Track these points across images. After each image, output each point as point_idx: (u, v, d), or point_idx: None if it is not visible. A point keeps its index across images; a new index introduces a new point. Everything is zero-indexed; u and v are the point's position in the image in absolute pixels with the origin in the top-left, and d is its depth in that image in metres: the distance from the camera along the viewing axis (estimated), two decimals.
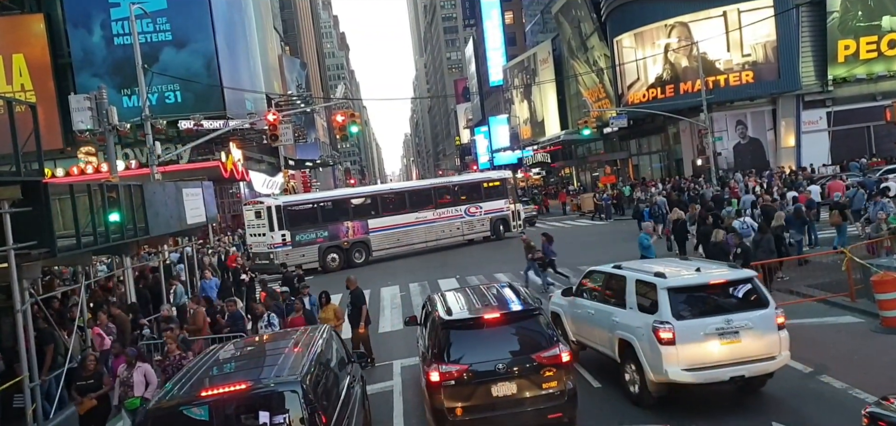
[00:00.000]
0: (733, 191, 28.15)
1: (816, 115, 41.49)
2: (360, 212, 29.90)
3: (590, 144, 64.78)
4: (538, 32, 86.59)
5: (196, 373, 7.56)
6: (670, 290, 9.24)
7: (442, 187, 33.94)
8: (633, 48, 45.49)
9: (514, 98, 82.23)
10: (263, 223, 27.48)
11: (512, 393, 8.21)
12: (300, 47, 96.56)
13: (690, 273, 9.81)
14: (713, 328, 8.96)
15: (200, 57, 42.95)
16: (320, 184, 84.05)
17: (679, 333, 8.93)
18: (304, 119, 65.97)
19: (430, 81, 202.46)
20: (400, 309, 18.52)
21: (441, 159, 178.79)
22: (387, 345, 14.79)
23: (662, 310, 9.12)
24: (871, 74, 39.70)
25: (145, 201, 14.58)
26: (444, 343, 8.51)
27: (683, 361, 8.95)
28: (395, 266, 28.05)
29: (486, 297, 9.68)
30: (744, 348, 8.97)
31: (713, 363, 8.98)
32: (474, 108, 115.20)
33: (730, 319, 9.00)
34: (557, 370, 8.32)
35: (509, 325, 8.78)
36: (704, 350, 8.95)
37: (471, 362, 8.28)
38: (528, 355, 8.38)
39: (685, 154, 47.11)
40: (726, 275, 9.71)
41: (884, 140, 41.78)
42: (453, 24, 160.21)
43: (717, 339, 8.94)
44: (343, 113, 26.18)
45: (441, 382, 8.23)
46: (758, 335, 9.05)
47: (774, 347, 9.13)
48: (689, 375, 8.96)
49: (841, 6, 39.32)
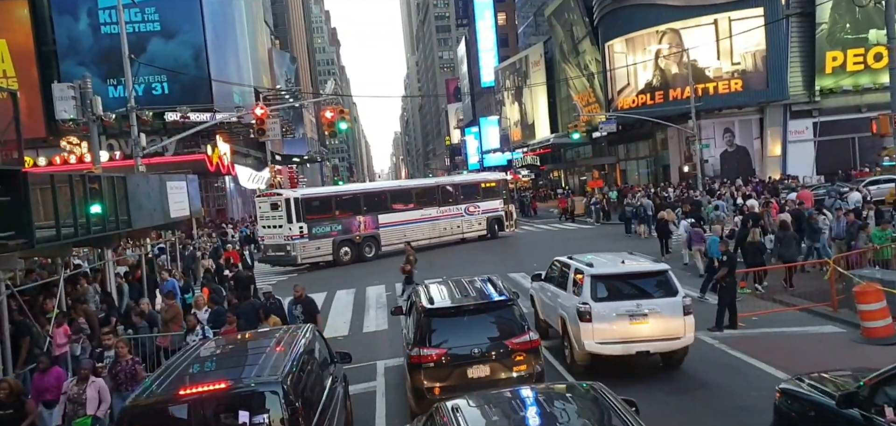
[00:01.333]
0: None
1: (803, 125, 41.80)
2: (371, 207, 30.17)
3: (578, 148, 64.95)
4: (530, 35, 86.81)
5: (176, 370, 7.44)
6: (593, 277, 11.03)
7: (446, 186, 34.57)
8: (624, 53, 45.63)
9: (506, 100, 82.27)
10: (280, 215, 27.30)
11: (486, 374, 9.07)
12: (290, 42, 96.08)
13: (616, 264, 11.72)
14: (625, 310, 10.71)
15: (189, 48, 42.63)
16: (307, 180, 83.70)
17: (595, 313, 10.70)
18: (293, 114, 65.69)
19: (421, 80, 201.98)
20: (385, 309, 18.41)
21: (431, 159, 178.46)
22: (371, 346, 14.67)
23: (585, 294, 10.94)
24: (858, 86, 40.05)
25: (128, 193, 14.42)
26: (426, 329, 9.33)
27: (598, 336, 10.71)
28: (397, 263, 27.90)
29: (466, 289, 10.44)
30: (651, 328, 10.70)
31: (623, 339, 10.70)
32: (465, 108, 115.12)
33: (640, 304, 10.74)
34: (527, 354, 9.26)
35: (486, 314, 9.61)
36: (616, 328, 10.69)
37: (450, 347, 9.14)
38: (502, 341, 9.28)
39: (672, 160, 47.34)
40: (643, 268, 11.70)
41: (868, 151, 42.14)
42: (446, 24, 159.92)
43: (628, 320, 10.69)
44: (332, 109, 25.97)
45: (421, 364, 9.07)
46: (665, 318, 10.73)
47: (679, 329, 10.78)
48: (603, 348, 10.75)
49: (830, 18, 39.63)
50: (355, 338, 15.44)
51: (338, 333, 16.04)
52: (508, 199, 36.35)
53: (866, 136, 41.96)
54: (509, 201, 36.51)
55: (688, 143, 45.29)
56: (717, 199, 29.18)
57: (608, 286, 11.06)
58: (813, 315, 14.33)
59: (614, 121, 41.44)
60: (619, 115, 42.97)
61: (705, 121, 41.66)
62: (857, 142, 42.01)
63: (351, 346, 13.72)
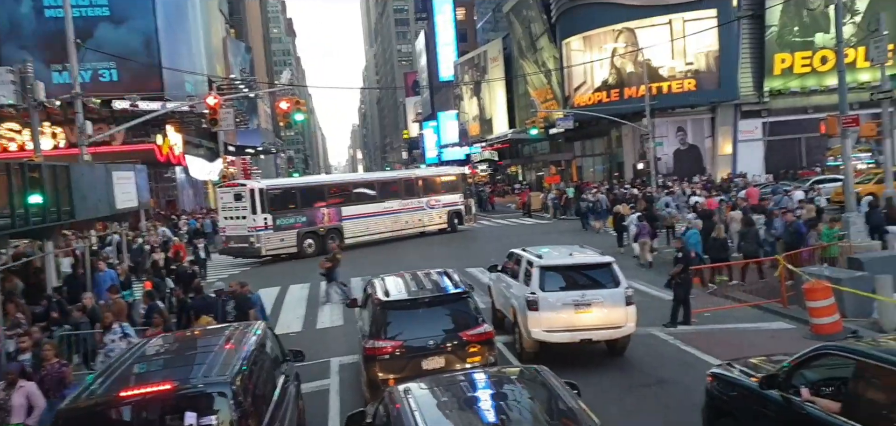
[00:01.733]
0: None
1: (752, 125, 42.82)
2: (334, 199, 29.99)
3: (535, 144, 65.33)
4: (489, 30, 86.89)
5: (119, 369, 7.09)
6: (542, 268, 11.49)
7: (408, 179, 34.66)
8: (581, 51, 46.01)
9: (464, 94, 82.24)
10: (244, 206, 26.88)
11: (440, 366, 9.15)
12: (246, 31, 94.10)
13: (565, 256, 12.28)
14: (570, 300, 11.18)
15: (139, 35, 41.39)
16: (262, 172, 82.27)
17: (542, 302, 11.15)
18: (247, 104, 64.43)
19: (379, 73, 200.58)
20: (340, 304, 18.11)
21: (388, 152, 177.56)
22: (325, 342, 14.39)
23: (533, 284, 11.37)
24: (805, 88, 41.19)
25: (72, 183, 13.85)
26: (382, 322, 9.43)
27: (545, 324, 11.17)
28: (363, 256, 27.54)
29: (422, 282, 10.55)
30: (594, 318, 11.21)
31: (568, 328, 11.18)
32: (424, 102, 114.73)
33: (585, 294, 11.23)
34: (481, 346, 9.44)
35: (441, 307, 9.76)
36: (562, 317, 11.16)
37: (405, 339, 9.26)
38: (457, 333, 9.42)
39: (627, 157, 47.99)
40: (589, 260, 12.17)
41: (814, 151, 43.45)
42: (404, 17, 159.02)
43: (573, 309, 11.17)
44: (288, 100, 25.53)
45: (376, 356, 9.22)
46: (608, 308, 11.25)
47: (621, 319, 11.34)
48: (549, 336, 11.21)
49: (779, 21, 40.63)
50: (309, 335, 15.15)
51: (290, 329, 15.72)
52: (468, 194, 36.58)
53: (813, 136, 43.36)
54: (469, 195, 36.75)
55: (642, 140, 46.00)
56: (667, 195, 29.83)
57: (556, 277, 11.56)
58: (764, 311, 14.62)
59: (571, 118, 41.75)
60: (576, 113, 43.33)
61: (659, 119, 42.26)
62: (804, 142, 43.25)
63: (304, 343, 13.41)
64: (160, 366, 7.52)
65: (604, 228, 29.88)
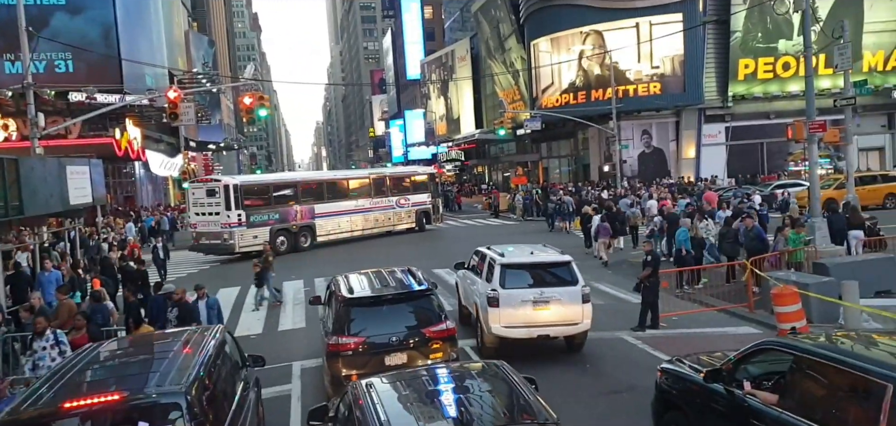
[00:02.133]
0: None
1: (716, 129, 43.41)
2: (307, 196, 29.78)
3: (502, 145, 65.42)
4: (457, 30, 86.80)
5: (66, 377, 6.59)
6: (503, 266, 11.75)
7: (379, 177, 34.65)
8: (549, 52, 46.09)
9: (431, 93, 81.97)
10: (218, 202, 26.65)
11: (403, 362, 9.17)
12: (209, 25, 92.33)
13: (525, 255, 12.52)
14: (530, 297, 11.44)
15: (97, 25, 40.11)
16: (223, 168, 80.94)
17: (502, 299, 11.41)
18: (209, 99, 63.18)
19: (345, 70, 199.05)
20: (303, 305, 17.66)
21: (354, 150, 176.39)
22: (287, 345, 13.95)
23: (494, 281, 11.65)
24: (768, 94, 41.90)
25: (21, 177, 13.17)
26: (346, 318, 9.46)
27: (505, 320, 11.42)
28: (331, 255, 27.14)
29: (386, 279, 10.56)
30: (552, 314, 11.48)
31: (527, 324, 11.41)
32: (390, 100, 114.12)
33: (543, 292, 11.51)
34: (443, 342, 9.49)
35: (404, 304, 9.79)
36: (521, 313, 11.41)
37: (368, 335, 9.29)
38: (419, 330, 9.46)
39: (592, 159, 48.30)
40: (549, 258, 12.42)
41: (775, 157, 44.28)
42: (371, 14, 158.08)
43: (531, 306, 11.44)
44: (252, 95, 24.85)
45: (339, 352, 9.21)
46: (565, 305, 11.53)
47: (578, 316, 11.62)
48: (509, 331, 11.45)
49: (743, 26, 41.25)
50: (270, 338, 14.68)
51: (251, 332, 15.23)
52: (436, 193, 36.81)
53: (775, 141, 44.21)
54: (436, 195, 36.96)
55: (608, 143, 46.31)
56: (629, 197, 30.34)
57: (516, 274, 11.82)
58: (731, 315, 14.62)
59: (539, 119, 41.77)
60: (543, 114, 43.39)
61: (624, 122, 42.66)
62: (766, 147, 44.01)
63: (265, 346, 13.03)
64: (110, 374, 7.05)
65: (569, 229, 30.36)
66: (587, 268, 19.43)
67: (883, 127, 43.58)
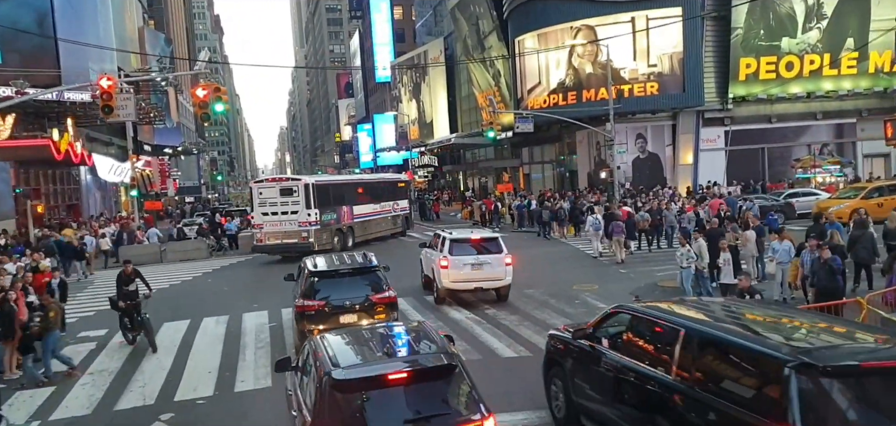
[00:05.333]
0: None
1: (715, 133, 40.47)
2: (351, 197, 30.82)
3: (479, 150, 61.93)
4: (429, 31, 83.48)
5: None
6: (451, 241, 16.65)
7: (389, 182, 36.57)
8: (535, 50, 42.73)
9: (403, 96, 78.37)
10: (296, 201, 26.91)
11: (354, 320, 11.72)
12: (167, 24, 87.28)
13: (468, 233, 18.10)
14: (469, 262, 16.34)
15: (30, 10, 35.36)
16: (182, 174, 76.05)
17: (450, 263, 16.33)
18: (165, 100, 58.47)
19: (310, 75, 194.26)
20: (267, 348, 13.77)
21: (319, 156, 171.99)
22: (247, 415, 10.11)
23: (443, 250, 16.62)
24: (771, 96, 39.06)
25: None
26: (311, 287, 12.16)
27: (452, 278, 16.40)
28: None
29: (345, 259, 13.73)
30: (484, 273, 16.43)
31: (467, 280, 16.42)
32: (358, 104, 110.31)
33: (479, 258, 16.42)
34: (386, 307, 12.01)
35: (358, 276, 12.44)
36: (462, 273, 16.32)
37: (328, 299, 11.96)
38: (369, 297, 12.04)
39: (581, 165, 45.06)
40: (483, 235, 17.96)
41: (777, 163, 41.58)
42: (337, 17, 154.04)
43: (470, 268, 16.30)
44: (206, 86, 20.87)
45: (305, 312, 11.87)
46: (493, 267, 16.44)
47: (502, 275, 16.54)
48: (454, 284, 16.51)
49: (744, 23, 38.40)
50: (223, 404, 10.80)
51: (199, 394, 11.30)
52: (410, 200, 37.45)
53: (776, 147, 41.53)
54: (411, 201, 37.62)
55: (599, 147, 43.08)
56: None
57: (460, 246, 16.64)
58: None
59: (531, 120, 38.25)
60: (536, 114, 39.89)
61: (618, 125, 39.29)
62: (767, 152, 41.27)
63: (216, 418, 9.36)
64: None
65: (564, 235, 30.41)
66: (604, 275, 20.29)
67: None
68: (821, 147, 39.43)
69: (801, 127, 40.70)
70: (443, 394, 6.41)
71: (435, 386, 6.45)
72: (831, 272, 11.39)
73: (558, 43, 41.03)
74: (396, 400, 6.26)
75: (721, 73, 39.20)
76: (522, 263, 22.92)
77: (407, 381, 6.39)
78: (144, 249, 31.77)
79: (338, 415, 6.12)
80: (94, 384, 12.09)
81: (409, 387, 6.39)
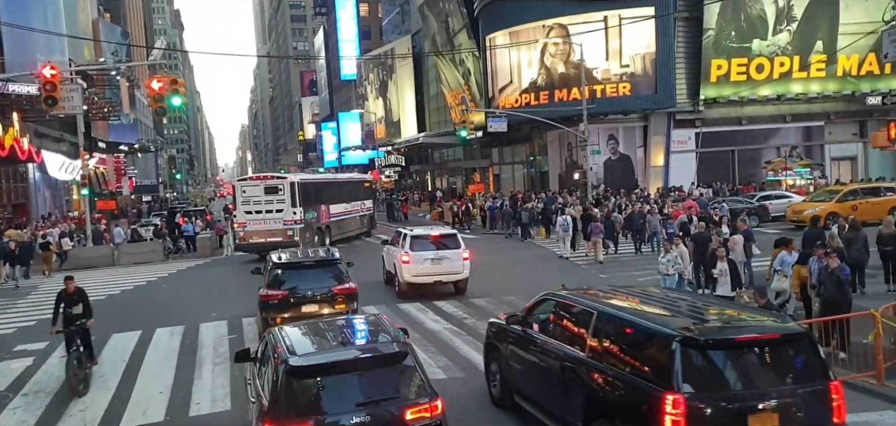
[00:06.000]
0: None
1: (686, 135, 40.04)
2: (328, 196, 30.86)
3: (447, 150, 60.91)
4: (396, 28, 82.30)
5: None
6: (411, 237, 17.69)
7: (357, 181, 36.91)
8: (506, 48, 41.86)
9: (369, 94, 77.00)
10: (281, 199, 26.85)
11: (315, 310, 12.62)
12: (124, 17, 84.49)
13: (428, 229, 19.61)
14: (429, 256, 17.38)
15: None
16: (139, 172, 73.45)
17: (411, 258, 17.30)
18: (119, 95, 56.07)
19: (273, 72, 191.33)
20: (226, 363, 12.50)
21: (281, 154, 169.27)
22: None
23: (404, 246, 17.55)
24: (742, 98, 38.79)
25: None
26: (275, 278, 13.06)
27: (412, 272, 17.32)
28: None
29: (307, 253, 14.97)
30: (443, 267, 17.46)
31: (427, 274, 17.34)
32: (322, 102, 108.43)
33: (438, 253, 17.49)
34: (346, 298, 12.99)
35: (318, 269, 13.45)
36: (423, 267, 17.29)
37: (290, 289, 12.85)
38: (329, 288, 12.98)
39: (552, 166, 44.36)
40: (442, 231, 19.33)
41: (747, 165, 41.43)
42: (301, 13, 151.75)
43: (430, 262, 17.35)
44: (162, 78, 19.41)
45: (268, 301, 12.76)
46: (452, 262, 17.52)
47: (460, 269, 17.61)
48: (415, 278, 17.36)
49: (716, 24, 38.08)
50: None
51: (148, 419, 10.03)
52: (373, 200, 37.75)
53: (746, 149, 41.37)
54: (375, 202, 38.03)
55: (570, 148, 42.44)
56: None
57: (420, 242, 17.50)
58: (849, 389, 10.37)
59: (505, 119, 37.29)
60: (510, 113, 38.95)
61: (590, 126, 38.72)
62: (737, 154, 41.08)
63: None
64: None
65: (547, 235, 29.80)
66: (586, 278, 19.28)
67: (854, 135, 41.29)
68: (790, 149, 39.28)
69: (770, 129, 40.59)
70: (394, 380, 6.77)
71: (386, 373, 6.78)
72: (839, 283, 10.60)
73: (531, 42, 40.20)
74: (350, 385, 6.62)
75: (692, 75, 38.81)
76: (500, 268, 22.13)
77: (359, 368, 6.80)
78: (96, 251, 30.06)
79: (294, 400, 6.43)
80: (27, 408, 10.70)
81: (362, 374, 6.77)
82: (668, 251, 15.07)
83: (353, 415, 6.34)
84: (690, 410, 6.00)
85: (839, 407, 6.40)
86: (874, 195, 27.55)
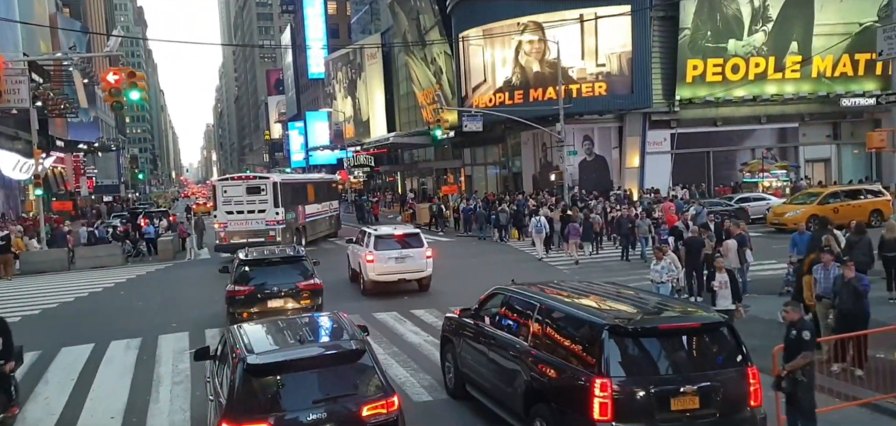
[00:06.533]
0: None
1: (661, 136, 39.60)
2: (304, 197, 30.64)
3: (415, 150, 59.89)
4: (365, 26, 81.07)
5: None
6: (375, 237, 18.22)
7: (326, 182, 36.59)
8: (480, 46, 41.00)
9: (337, 93, 75.54)
10: (264, 200, 26.57)
11: (281, 306, 13.11)
12: (84, 12, 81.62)
13: (391, 229, 19.83)
14: (393, 255, 17.87)
15: None
16: (99, 171, 70.93)
17: (375, 257, 17.76)
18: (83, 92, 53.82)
19: (238, 71, 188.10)
20: (187, 381, 11.32)
21: (247, 154, 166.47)
22: None
23: (371, 246, 17.97)
24: (718, 99, 38.47)
25: None
26: (241, 274, 13.44)
27: (377, 270, 17.81)
28: None
29: (274, 251, 15.38)
30: (406, 266, 17.94)
31: (391, 272, 17.86)
32: (289, 101, 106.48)
33: (402, 252, 17.93)
34: (311, 294, 13.38)
35: (284, 265, 13.85)
36: (387, 266, 17.78)
37: (256, 285, 13.25)
38: (295, 284, 13.34)
39: (525, 167, 43.68)
40: (405, 230, 19.52)
41: (722, 167, 41.22)
42: (268, 11, 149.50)
43: (394, 261, 17.82)
44: (118, 70, 18.08)
45: (235, 297, 13.09)
46: (415, 261, 17.97)
47: (423, 267, 18.11)
48: (380, 277, 17.88)
49: (692, 24, 37.72)
50: None
51: None
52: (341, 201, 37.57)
53: (721, 150, 41.15)
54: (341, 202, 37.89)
55: (545, 149, 41.78)
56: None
57: (384, 241, 17.98)
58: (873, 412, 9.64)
59: (480, 118, 36.41)
60: (485, 113, 38.07)
61: (566, 126, 38.14)
62: (712, 156, 40.82)
63: None
64: None
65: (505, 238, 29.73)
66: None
67: (828, 137, 41.36)
68: (765, 151, 39.13)
69: (745, 131, 40.42)
70: (351, 377, 6.84)
71: (344, 370, 6.85)
72: (856, 294, 9.80)
73: (505, 40, 39.43)
74: (307, 383, 6.70)
75: (668, 75, 38.39)
76: (477, 273, 21.06)
77: (317, 366, 6.86)
78: (49, 255, 28.38)
79: (252, 399, 6.49)
80: None
81: (320, 371, 6.83)
82: (660, 258, 14.27)
83: (310, 413, 6.40)
84: (616, 393, 6.45)
85: (756, 391, 6.83)
86: (854, 198, 27.34)
